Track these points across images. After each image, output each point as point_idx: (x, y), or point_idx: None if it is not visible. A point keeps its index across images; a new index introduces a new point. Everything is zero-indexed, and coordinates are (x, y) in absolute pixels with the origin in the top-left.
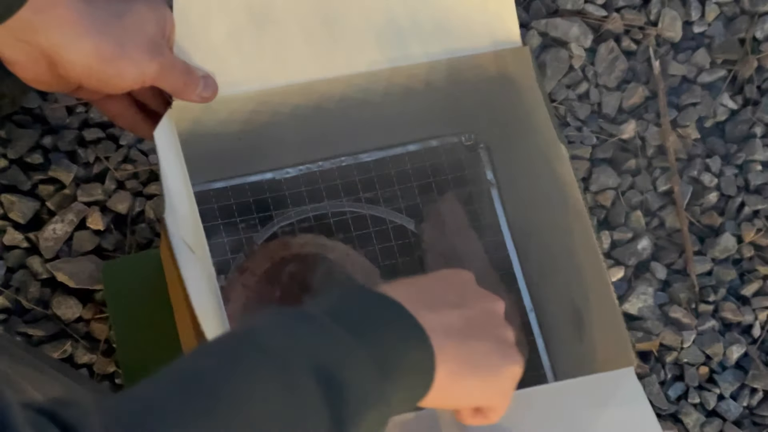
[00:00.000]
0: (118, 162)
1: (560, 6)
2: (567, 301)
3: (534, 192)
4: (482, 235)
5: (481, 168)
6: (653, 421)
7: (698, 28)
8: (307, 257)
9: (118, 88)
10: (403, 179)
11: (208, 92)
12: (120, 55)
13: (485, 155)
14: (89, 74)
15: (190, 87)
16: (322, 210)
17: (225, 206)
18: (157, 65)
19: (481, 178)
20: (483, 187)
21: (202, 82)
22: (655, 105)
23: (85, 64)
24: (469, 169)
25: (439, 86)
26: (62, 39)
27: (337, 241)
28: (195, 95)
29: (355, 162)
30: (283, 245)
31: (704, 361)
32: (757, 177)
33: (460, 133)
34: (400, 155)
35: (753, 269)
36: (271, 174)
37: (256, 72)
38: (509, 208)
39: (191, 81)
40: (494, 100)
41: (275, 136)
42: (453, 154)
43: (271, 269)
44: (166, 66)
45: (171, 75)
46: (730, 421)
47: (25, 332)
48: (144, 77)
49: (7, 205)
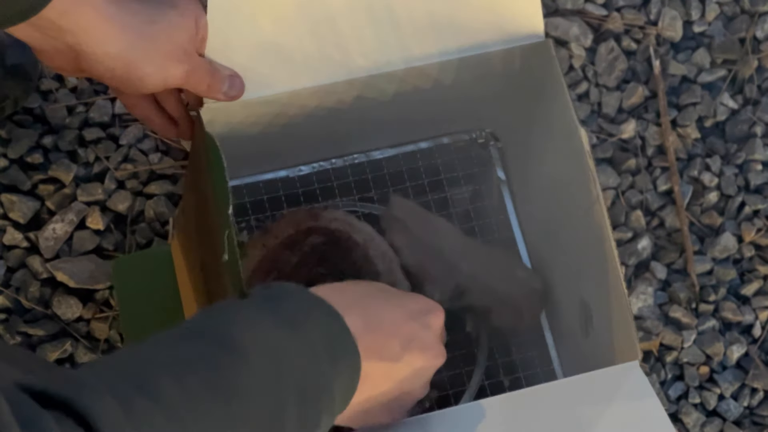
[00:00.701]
0: (118, 162)
1: (560, 5)
2: (576, 296)
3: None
4: (493, 232)
5: (492, 165)
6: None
7: (698, 27)
8: (333, 232)
9: (139, 92)
10: (415, 176)
11: (234, 91)
12: (144, 62)
13: (496, 152)
14: (111, 76)
15: (214, 88)
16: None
17: (239, 204)
18: (181, 72)
19: (492, 175)
20: (494, 184)
21: (228, 82)
22: (655, 105)
23: (108, 67)
24: (480, 166)
25: (452, 83)
26: (88, 41)
27: (365, 224)
28: (220, 94)
29: (367, 159)
30: (312, 216)
31: (704, 360)
32: (757, 177)
33: (472, 130)
34: (412, 152)
35: (753, 269)
36: (285, 172)
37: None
38: (520, 205)
39: (216, 82)
40: (511, 95)
41: (289, 136)
42: (464, 152)
43: (295, 236)
44: (191, 72)
45: (195, 79)
46: (730, 421)
47: (25, 332)
48: (167, 83)
49: (7, 205)
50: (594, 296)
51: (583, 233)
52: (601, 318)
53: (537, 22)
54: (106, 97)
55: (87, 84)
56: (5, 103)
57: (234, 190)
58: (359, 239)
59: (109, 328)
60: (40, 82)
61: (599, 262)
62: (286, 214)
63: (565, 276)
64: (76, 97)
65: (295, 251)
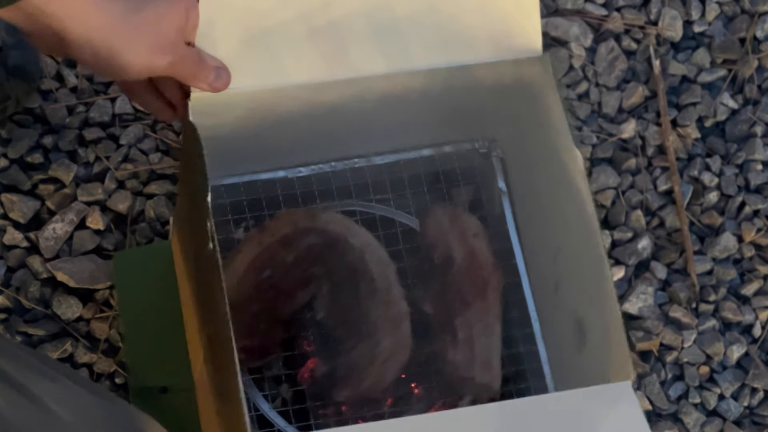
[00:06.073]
0: (118, 162)
1: (560, 5)
2: (570, 311)
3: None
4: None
5: (493, 175)
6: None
7: (698, 27)
8: (330, 234)
9: (123, 78)
10: (415, 183)
11: (219, 83)
12: (127, 51)
13: (498, 163)
14: (95, 62)
15: (199, 77)
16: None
17: (236, 202)
18: (165, 63)
19: (492, 185)
20: (494, 195)
21: (214, 73)
22: (655, 104)
23: (91, 54)
24: (481, 176)
25: (455, 92)
26: (72, 27)
27: (363, 228)
28: (205, 85)
29: (367, 164)
30: (310, 216)
31: (704, 360)
32: (757, 176)
33: (474, 140)
34: (413, 159)
35: (753, 269)
36: (284, 172)
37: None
38: (519, 216)
39: (202, 73)
40: (512, 107)
41: (289, 135)
42: (466, 161)
43: (292, 235)
44: (176, 62)
45: (180, 69)
46: (730, 420)
47: (25, 331)
48: (151, 72)
49: (7, 205)
50: (588, 312)
51: (579, 249)
52: (595, 335)
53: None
54: (106, 97)
55: (87, 84)
56: (7, 103)
57: (231, 188)
58: (355, 243)
59: (109, 328)
60: (40, 82)
61: (594, 279)
62: (284, 212)
63: (561, 290)
64: (76, 97)
65: (290, 250)
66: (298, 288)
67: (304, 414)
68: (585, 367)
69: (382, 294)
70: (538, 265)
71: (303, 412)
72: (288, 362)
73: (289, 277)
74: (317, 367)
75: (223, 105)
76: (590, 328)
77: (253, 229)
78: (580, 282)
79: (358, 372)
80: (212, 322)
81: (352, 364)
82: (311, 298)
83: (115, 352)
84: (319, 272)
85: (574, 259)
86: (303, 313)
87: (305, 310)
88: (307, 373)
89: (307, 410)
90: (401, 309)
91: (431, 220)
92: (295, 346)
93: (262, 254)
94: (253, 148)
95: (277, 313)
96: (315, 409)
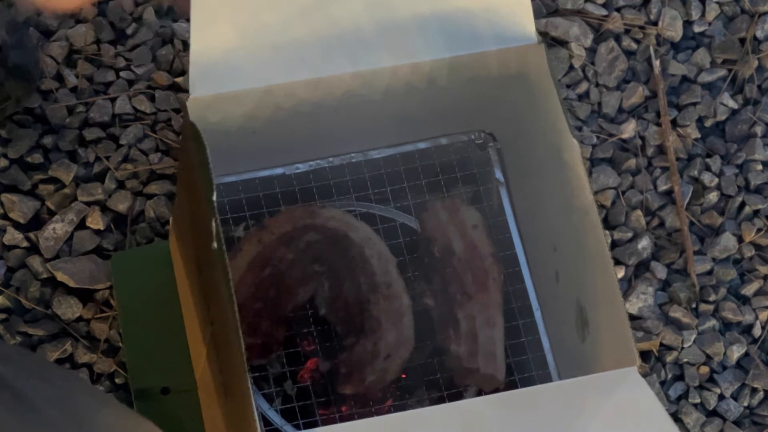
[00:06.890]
0: (118, 162)
1: (560, 5)
2: (572, 300)
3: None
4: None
5: (491, 166)
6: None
7: (698, 27)
8: (330, 231)
9: None
10: (412, 177)
11: None
12: None
13: (494, 154)
14: None
15: None
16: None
17: (235, 200)
18: None
19: (490, 176)
20: (492, 186)
21: None
22: (655, 104)
23: None
24: (479, 167)
25: (449, 84)
26: None
27: (363, 223)
28: None
29: (364, 159)
30: (310, 213)
31: (704, 360)
32: (757, 176)
33: (471, 132)
34: (410, 153)
35: (753, 269)
36: (282, 169)
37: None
38: (518, 206)
39: None
40: (507, 97)
41: (286, 132)
42: (463, 152)
43: (292, 233)
44: None
45: None
46: (730, 420)
47: (25, 332)
48: None
49: (7, 205)
50: (590, 300)
51: (579, 238)
52: (598, 323)
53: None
54: (106, 97)
55: (87, 84)
56: (7, 103)
57: (230, 186)
58: (356, 238)
59: (109, 328)
60: (40, 82)
61: (595, 267)
62: (284, 210)
63: (562, 279)
64: (76, 97)
65: (290, 248)
66: (299, 285)
67: (308, 411)
68: (589, 354)
69: (383, 288)
70: (538, 255)
71: (307, 409)
72: (290, 359)
73: (290, 275)
74: (320, 363)
75: (220, 104)
76: (593, 316)
77: (253, 227)
78: (580, 270)
79: (361, 367)
80: (217, 321)
81: (355, 359)
82: (312, 295)
83: (115, 352)
84: (320, 269)
85: (574, 248)
86: (305, 310)
87: (307, 307)
88: (309, 371)
89: (311, 407)
90: (403, 303)
91: (430, 214)
92: (298, 343)
93: (263, 252)
94: (251, 146)
95: (278, 311)
96: (318, 406)
